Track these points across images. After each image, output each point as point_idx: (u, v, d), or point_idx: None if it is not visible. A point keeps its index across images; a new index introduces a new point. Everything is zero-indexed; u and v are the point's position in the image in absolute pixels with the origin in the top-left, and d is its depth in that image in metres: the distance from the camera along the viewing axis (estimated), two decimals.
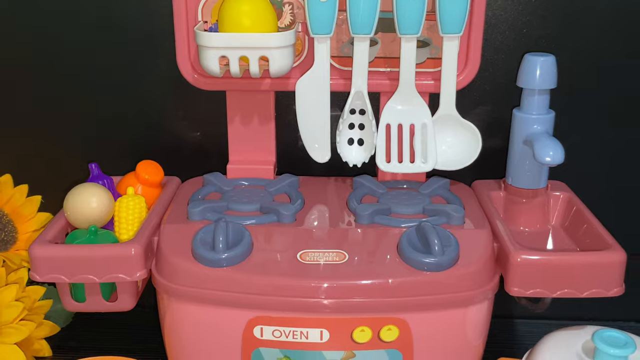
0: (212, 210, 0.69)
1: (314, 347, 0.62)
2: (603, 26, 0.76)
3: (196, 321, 0.64)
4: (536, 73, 0.69)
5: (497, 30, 0.78)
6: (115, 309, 0.67)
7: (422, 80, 0.73)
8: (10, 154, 0.85)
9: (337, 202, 0.73)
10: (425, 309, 0.62)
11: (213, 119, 0.79)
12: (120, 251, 0.63)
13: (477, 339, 0.66)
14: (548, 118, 0.70)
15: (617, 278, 0.63)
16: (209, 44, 0.65)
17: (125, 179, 0.75)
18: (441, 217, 0.68)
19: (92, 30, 0.80)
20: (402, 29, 0.68)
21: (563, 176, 0.76)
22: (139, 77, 0.82)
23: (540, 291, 0.63)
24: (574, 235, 0.71)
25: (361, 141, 0.73)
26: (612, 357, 0.61)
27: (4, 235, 0.81)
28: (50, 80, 0.82)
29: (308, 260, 0.62)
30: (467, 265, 0.62)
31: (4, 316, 0.72)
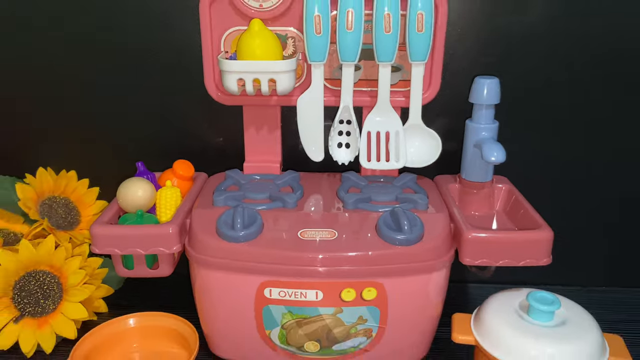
0: (232, 199, 0.67)
1: (311, 304, 0.61)
2: (537, 54, 0.75)
3: (219, 285, 0.62)
4: (484, 92, 0.67)
5: (454, 58, 0.76)
6: (156, 275, 0.66)
7: (395, 97, 0.71)
8: (76, 155, 0.83)
9: (329, 192, 0.71)
10: (397, 274, 0.60)
11: (232, 127, 0.77)
12: (160, 230, 0.62)
13: (438, 299, 0.65)
14: (493, 127, 0.69)
15: (546, 251, 0.62)
16: (229, 69, 0.64)
17: (165, 174, 0.74)
18: (410, 203, 0.66)
19: (139, 61, 0.78)
20: (379, 58, 0.67)
21: (505, 172, 0.75)
22: (175, 96, 0.79)
23: (486, 261, 0.62)
24: (513, 218, 0.70)
25: (348, 145, 0.72)
26: (542, 312, 0.61)
27: (70, 218, 0.80)
28: (108, 98, 0.80)
29: (306, 237, 0.61)
30: (430, 241, 0.61)
31: (71, 280, 0.71)
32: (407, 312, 0.62)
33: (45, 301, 0.70)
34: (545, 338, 0.58)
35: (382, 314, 0.61)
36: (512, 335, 0.59)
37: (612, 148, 0.79)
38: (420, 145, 0.71)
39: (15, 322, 0.68)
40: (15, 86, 0.80)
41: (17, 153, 0.83)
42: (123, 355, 0.68)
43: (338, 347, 0.63)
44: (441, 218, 0.65)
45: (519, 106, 0.77)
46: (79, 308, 0.70)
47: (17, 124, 0.82)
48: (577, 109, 0.77)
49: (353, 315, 0.61)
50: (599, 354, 0.59)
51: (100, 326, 0.68)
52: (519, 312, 0.62)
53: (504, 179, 0.74)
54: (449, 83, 0.74)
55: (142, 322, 0.70)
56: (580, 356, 0.58)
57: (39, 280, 0.69)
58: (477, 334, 0.62)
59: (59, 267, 0.70)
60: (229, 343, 0.66)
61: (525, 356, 0.58)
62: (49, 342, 0.69)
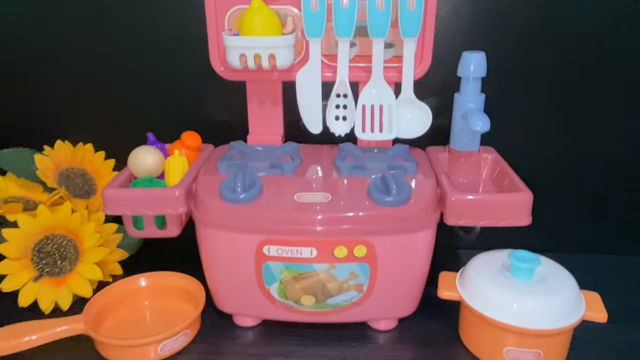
0: (235, 166, 0.70)
1: (307, 261, 0.64)
2: (525, 29, 0.78)
3: (223, 243, 0.66)
4: (471, 65, 0.69)
5: (444, 35, 0.78)
6: (165, 235, 0.69)
7: (389, 73, 0.73)
8: (93, 128, 0.87)
9: (326, 162, 0.73)
10: (386, 233, 0.63)
11: (237, 102, 0.80)
12: (168, 193, 0.65)
13: (424, 257, 0.67)
14: (480, 99, 0.71)
15: (526, 212, 0.64)
16: (232, 44, 0.67)
17: (173, 145, 0.76)
18: (400, 170, 0.69)
19: (152, 40, 0.82)
20: (373, 34, 0.69)
21: (492, 143, 0.77)
22: (184, 72, 0.83)
23: (469, 221, 0.64)
24: (498, 185, 0.72)
25: (344, 118, 0.74)
26: (523, 270, 0.64)
27: (87, 187, 0.84)
28: (121, 76, 0.84)
29: (302, 200, 0.64)
30: (416, 203, 0.64)
31: (86, 243, 0.75)
32: (396, 269, 0.65)
33: (63, 262, 0.75)
34: (526, 293, 0.62)
35: (372, 270, 0.65)
36: (494, 291, 0.63)
37: (596, 119, 0.82)
38: (412, 117, 0.74)
39: (34, 281, 0.74)
40: (33, 65, 0.85)
41: (37, 127, 0.88)
42: (135, 312, 0.73)
43: (332, 301, 0.67)
44: (428, 183, 0.68)
45: (507, 79, 0.80)
46: (94, 269, 0.75)
47: (37, 100, 0.88)
48: (563, 83, 0.80)
49: (345, 271, 0.65)
50: (576, 307, 0.63)
51: (113, 285, 0.73)
52: (502, 270, 0.66)
53: (490, 149, 0.76)
54: (439, 59, 0.77)
55: (153, 281, 0.75)
56: (558, 309, 0.62)
57: (56, 243, 0.74)
58: (462, 291, 0.66)
59: (75, 230, 0.75)
60: (233, 298, 0.70)
61: (506, 310, 0.62)
62: (66, 300, 0.74)
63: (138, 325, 0.71)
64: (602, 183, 0.86)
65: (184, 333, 0.67)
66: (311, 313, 0.69)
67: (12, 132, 0.88)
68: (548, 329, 0.60)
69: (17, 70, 0.86)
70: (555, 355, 0.64)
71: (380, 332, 0.71)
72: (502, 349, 0.63)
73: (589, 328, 0.66)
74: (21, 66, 0.86)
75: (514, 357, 0.63)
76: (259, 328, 0.72)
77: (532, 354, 0.62)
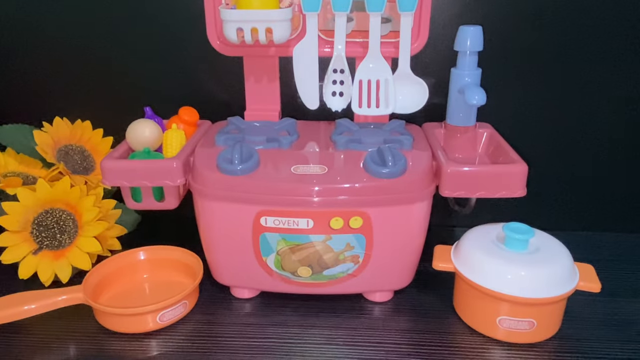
0: (232, 140, 0.71)
1: (303, 232, 0.65)
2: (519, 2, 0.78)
3: (220, 215, 0.66)
4: (467, 39, 0.69)
5: (440, 9, 0.79)
6: (163, 207, 0.70)
7: (386, 48, 0.73)
8: (91, 106, 0.88)
9: (323, 137, 0.74)
10: (382, 204, 0.64)
11: (234, 77, 0.81)
12: (166, 164, 0.66)
13: (420, 229, 0.68)
14: (476, 73, 0.71)
15: (520, 183, 0.65)
16: (229, 18, 0.67)
17: (171, 120, 0.77)
18: (396, 144, 0.70)
19: (150, 15, 0.82)
20: (370, 8, 0.69)
21: (488, 120, 0.78)
22: (181, 47, 0.83)
23: (464, 192, 0.65)
24: (494, 160, 0.73)
25: (341, 93, 0.74)
26: (517, 241, 0.65)
27: (85, 164, 0.85)
28: (119, 52, 0.85)
29: (299, 172, 0.65)
30: (412, 175, 0.64)
31: (85, 217, 0.76)
32: (391, 240, 0.66)
33: (62, 236, 0.75)
34: (520, 263, 0.63)
35: (367, 241, 0.65)
36: (488, 262, 0.64)
37: (593, 92, 0.82)
38: (408, 92, 0.74)
39: (34, 254, 0.74)
40: (31, 41, 0.86)
41: (36, 104, 0.89)
42: (134, 284, 0.74)
43: (328, 272, 0.68)
44: (424, 155, 0.68)
45: (503, 55, 0.80)
46: (93, 242, 0.76)
47: (36, 77, 0.88)
48: (561, 57, 0.81)
49: (341, 243, 0.65)
50: (570, 278, 0.64)
51: (112, 257, 0.74)
52: (496, 242, 0.67)
53: (487, 125, 0.77)
54: (436, 34, 0.77)
55: (152, 254, 0.76)
56: (552, 278, 0.62)
57: (55, 217, 0.75)
58: (457, 262, 0.67)
59: (74, 204, 0.76)
60: (230, 270, 0.71)
61: (500, 279, 0.63)
62: (65, 272, 0.75)
63: (137, 296, 0.72)
64: (599, 160, 0.86)
65: (182, 303, 0.67)
66: (307, 284, 0.70)
67: (11, 108, 0.89)
68: (541, 298, 0.61)
69: (15, 46, 0.87)
70: (549, 325, 0.65)
71: (375, 304, 0.72)
72: (496, 319, 0.64)
73: (582, 300, 0.67)
74: (19, 42, 0.87)
75: (508, 326, 0.64)
76: (256, 300, 0.73)
77: (526, 323, 0.63)
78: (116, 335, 0.66)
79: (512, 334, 0.64)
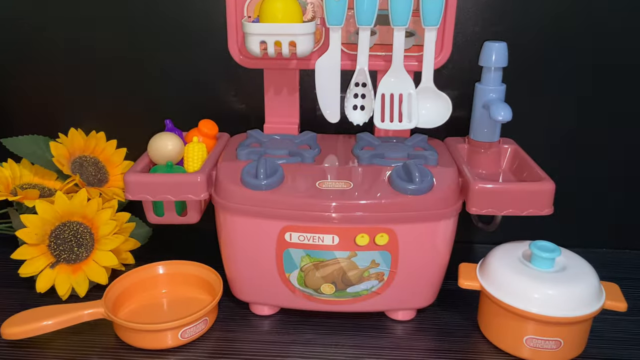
0: (254, 153, 0.71)
1: (328, 248, 0.65)
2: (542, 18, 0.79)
3: (244, 230, 0.67)
4: (492, 55, 0.71)
5: (465, 24, 0.80)
6: (185, 221, 0.71)
7: (409, 62, 0.75)
8: (105, 117, 0.89)
9: (344, 150, 0.75)
10: (408, 221, 0.65)
11: (254, 90, 0.82)
12: (190, 178, 0.67)
13: (446, 246, 0.69)
14: (501, 89, 0.72)
15: (548, 202, 0.66)
16: (253, 31, 0.68)
17: (190, 132, 0.78)
18: (421, 159, 0.71)
19: (170, 28, 0.83)
20: (394, 22, 0.70)
21: (512, 135, 0.79)
22: (202, 60, 0.84)
23: (492, 210, 0.66)
24: (518, 176, 0.74)
25: (362, 107, 0.75)
26: (544, 259, 0.66)
27: (100, 176, 0.86)
28: (140, 63, 0.86)
29: (324, 187, 0.65)
30: (439, 192, 0.65)
31: (102, 230, 0.76)
32: (417, 258, 0.67)
33: (79, 249, 0.76)
34: (546, 282, 0.64)
35: (393, 258, 0.66)
36: (515, 280, 0.65)
37: (617, 111, 0.83)
38: (431, 107, 0.75)
39: (51, 267, 0.75)
40: (49, 53, 0.87)
41: (52, 115, 0.90)
42: (152, 299, 0.75)
43: (352, 289, 0.68)
44: (450, 172, 0.69)
45: (527, 70, 0.81)
46: (109, 256, 0.77)
47: (52, 88, 0.89)
48: (582, 74, 0.82)
49: (366, 259, 0.66)
50: (597, 297, 0.64)
51: (130, 272, 0.75)
52: (522, 260, 0.67)
53: (510, 141, 0.78)
54: (460, 48, 0.79)
55: (170, 269, 0.76)
56: (579, 298, 0.63)
57: (73, 230, 0.76)
58: (482, 280, 0.68)
59: (91, 218, 0.77)
60: (252, 286, 0.71)
61: (527, 298, 0.63)
62: (83, 287, 0.75)
63: (155, 311, 0.73)
64: (626, 177, 0.87)
65: (203, 320, 0.68)
66: (330, 302, 0.70)
67: (26, 118, 0.89)
68: (568, 317, 0.62)
69: (31, 57, 0.87)
70: (575, 344, 0.65)
71: (398, 323, 0.72)
72: (523, 338, 0.64)
73: (608, 319, 0.67)
74: (35, 53, 0.87)
75: (534, 345, 0.64)
76: (276, 317, 0.73)
77: (553, 343, 0.64)
78: (136, 351, 0.66)
79: (539, 354, 0.65)
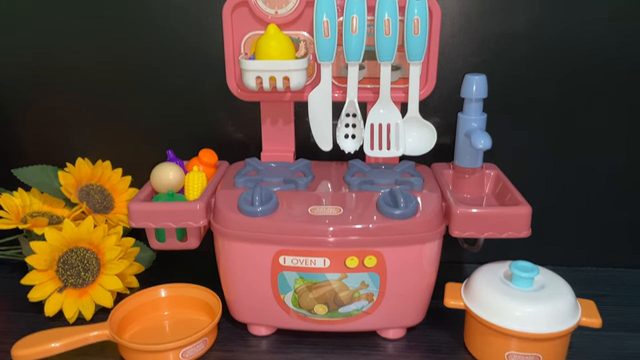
0: (251, 181, 0.76)
1: (320, 271, 0.69)
2: (521, 50, 0.85)
3: (241, 254, 0.71)
4: (473, 87, 0.76)
5: (447, 58, 0.85)
6: (185, 247, 0.75)
7: (396, 93, 0.79)
8: (111, 146, 0.94)
9: (336, 177, 0.79)
10: (395, 244, 0.68)
11: (251, 122, 0.86)
12: (189, 206, 0.71)
13: (432, 267, 0.72)
14: (482, 118, 0.77)
15: (525, 224, 0.70)
16: (249, 68, 0.73)
17: (191, 161, 0.82)
18: (407, 185, 0.75)
19: (170, 61, 0.88)
20: (381, 58, 0.75)
21: (494, 161, 0.84)
22: (201, 92, 0.89)
23: (473, 233, 0.70)
24: (500, 200, 0.78)
25: (354, 136, 0.79)
26: (523, 279, 0.70)
27: (105, 203, 0.90)
28: (142, 95, 0.91)
29: (316, 213, 0.70)
30: (423, 216, 0.69)
31: (108, 255, 0.81)
32: (404, 279, 0.70)
33: (86, 274, 0.80)
34: (526, 300, 0.68)
35: (381, 279, 0.70)
36: (497, 299, 0.69)
37: (594, 138, 0.89)
38: (417, 136, 0.80)
39: (59, 291, 0.79)
40: (53, 83, 0.92)
41: (59, 144, 0.95)
42: (155, 321, 0.79)
43: (343, 309, 0.72)
44: (434, 197, 0.73)
45: (507, 100, 0.86)
46: (115, 280, 0.81)
47: (59, 118, 0.94)
48: (560, 102, 0.87)
49: (356, 281, 0.70)
50: (573, 313, 0.69)
51: (135, 295, 0.79)
52: (503, 279, 0.72)
53: (493, 166, 0.82)
54: (443, 81, 0.83)
55: (172, 292, 0.81)
56: (556, 315, 0.67)
57: (80, 255, 0.80)
58: (467, 300, 0.72)
59: (98, 244, 0.81)
60: (249, 308, 0.75)
61: (509, 316, 0.68)
62: (89, 310, 0.80)
63: (158, 333, 0.77)
64: (600, 198, 0.92)
65: (202, 340, 0.72)
66: (323, 322, 0.74)
67: (35, 149, 0.95)
68: (546, 333, 0.66)
69: (37, 89, 0.93)
70: (554, 359, 0.69)
71: (389, 341, 0.76)
72: (505, 353, 0.69)
73: (584, 334, 0.71)
74: (42, 84, 0.92)
75: None
76: (273, 337, 0.77)
77: (532, 357, 0.68)
78: None
79: None
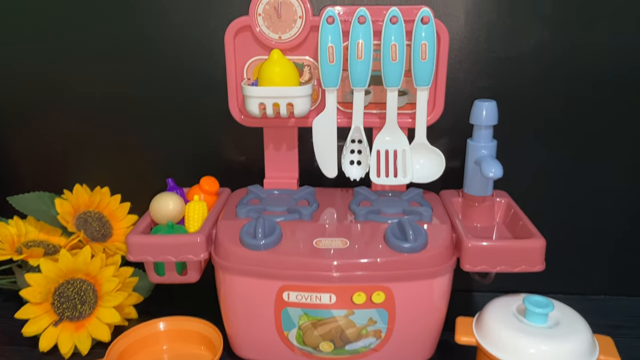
0: (253, 211, 0.74)
1: (325, 307, 0.67)
2: (530, 75, 0.82)
3: (243, 289, 0.69)
4: (482, 113, 0.74)
5: (455, 83, 0.82)
6: (185, 281, 0.72)
7: (403, 119, 0.77)
8: (109, 173, 0.91)
9: (342, 206, 0.77)
10: (404, 279, 0.66)
11: (253, 147, 0.84)
12: (190, 239, 0.69)
13: (442, 302, 0.70)
14: (492, 145, 0.75)
15: (539, 258, 0.68)
16: (252, 94, 0.71)
17: (192, 189, 0.80)
18: (415, 215, 0.72)
19: (171, 86, 0.86)
20: (387, 84, 0.73)
21: (505, 187, 0.82)
22: (203, 118, 0.87)
23: (485, 267, 0.68)
24: (511, 229, 0.76)
25: (359, 162, 0.78)
26: (537, 315, 0.67)
27: (104, 231, 0.88)
28: (140, 122, 0.89)
29: (321, 246, 0.67)
30: (433, 249, 0.67)
31: (105, 287, 0.78)
32: (413, 315, 0.68)
33: (82, 306, 0.78)
34: (540, 337, 0.65)
35: (390, 316, 0.68)
36: (510, 336, 0.66)
37: (606, 163, 0.86)
38: (425, 162, 0.78)
39: (54, 325, 0.77)
40: (50, 108, 0.90)
41: (56, 171, 0.92)
42: (153, 356, 0.76)
43: (350, 347, 0.70)
44: (444, 228, 0.71)
45: (517, 126, 0.84)
46: (112, 313, 0.78)
47: (55, 144, 0.92)
48: (570, 126, 0.84)
49: (363, 317, 0.68)
50: (590, 352, 0.65)
51: (133, 329, 0.76)
52: (516, 314, 0.69)
53: (503, 194, 0.80)
54: (451, 106, 0.81)
55: (171, 325, 0.78)
56: (572, 353, 0.64)
57: (76, 287, 0.78)
58: (478, 336, 0.69)
59: (95, 275, 0.79)
60: (251, 344, 0.72)
61: (522, 354, 0.64)
62: (85, 344, 0.77)
63: None
64: (613, 227, 0.89)
65: None
66: (329, 359, 0.71)
67: (32, 175, 0.92)
68: None
69: (34, 112, 0.91)
70: None
71: None
72: None
73: None
74: (38, 109, 0.90)
75: None
76: None
77: None
78: None
79: None
